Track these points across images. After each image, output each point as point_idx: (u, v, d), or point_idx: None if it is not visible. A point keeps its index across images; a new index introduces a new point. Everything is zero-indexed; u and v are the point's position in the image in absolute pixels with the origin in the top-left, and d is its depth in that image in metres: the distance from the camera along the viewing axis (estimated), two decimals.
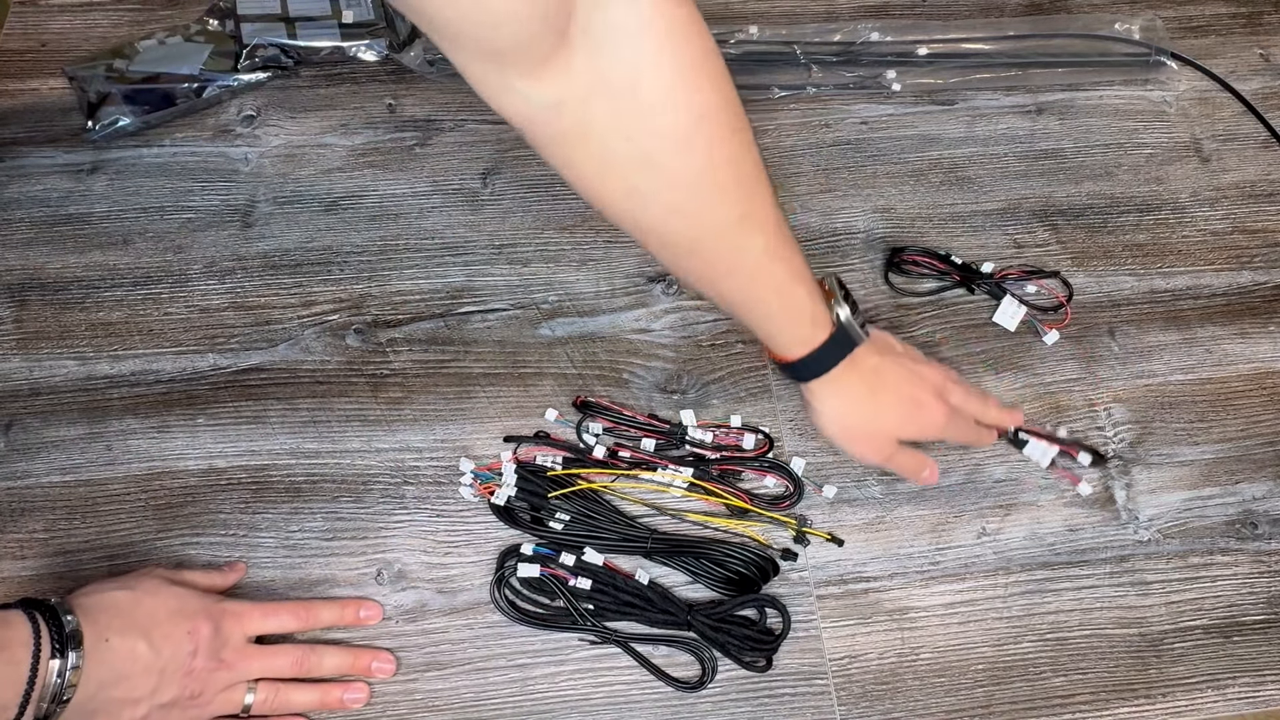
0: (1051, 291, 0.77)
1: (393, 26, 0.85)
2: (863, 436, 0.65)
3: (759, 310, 0.61)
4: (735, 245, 0.57)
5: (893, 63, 0.87)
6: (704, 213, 0.55)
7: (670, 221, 0.55)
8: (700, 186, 0.54)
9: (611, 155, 0.52)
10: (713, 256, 0.57)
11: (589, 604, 0.63)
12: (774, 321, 0.61)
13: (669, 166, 0.53)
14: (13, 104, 0.83)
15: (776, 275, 0.59)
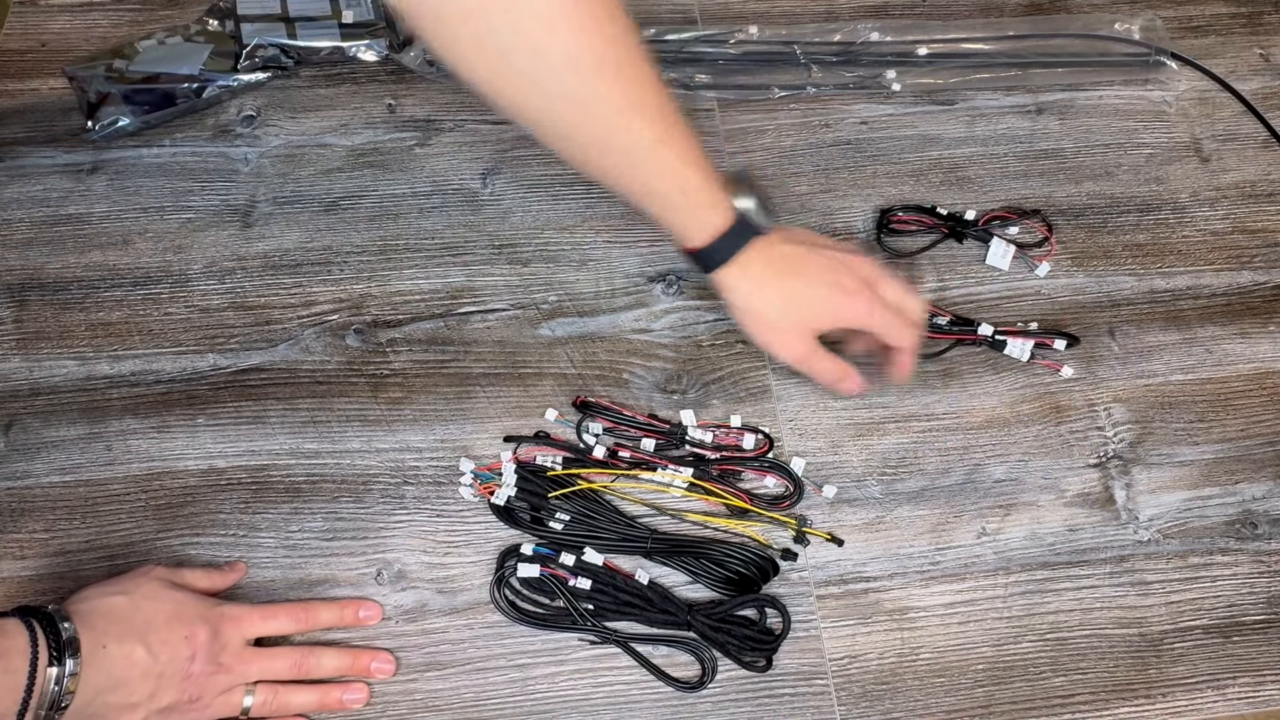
0: (1035, 227, 0.79)
1: (393, 26, 0.85)
2: (777, 327, 0.64)
3: (659, 199, 0.61)
4: (626, 131, 0.58)
5: (893, 63, 0.87)
6: (590, 99, 0.56)
7: (558, 109, 0.56)
8: (582, 69, 0.55)
9: (492, 36, 0.53)
10: (606, 145, 0.59)
11: (589, 604, 0.63)
12: (674, 209, 0.62)
13: (549, 48, 0.54)
14: (13, 104, 0.83)
15: (671, 162, 0.60)
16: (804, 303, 0.64)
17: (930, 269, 0.77)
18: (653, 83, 0.58)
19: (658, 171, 0.60)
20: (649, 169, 0.60)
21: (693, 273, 0.76)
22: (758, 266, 0.63)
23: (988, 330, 0.73)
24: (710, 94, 0.86)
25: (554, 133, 0.59)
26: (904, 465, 0.69)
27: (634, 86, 0.57)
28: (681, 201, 0.61)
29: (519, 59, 0.54)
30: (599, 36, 0.55)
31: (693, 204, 0.62)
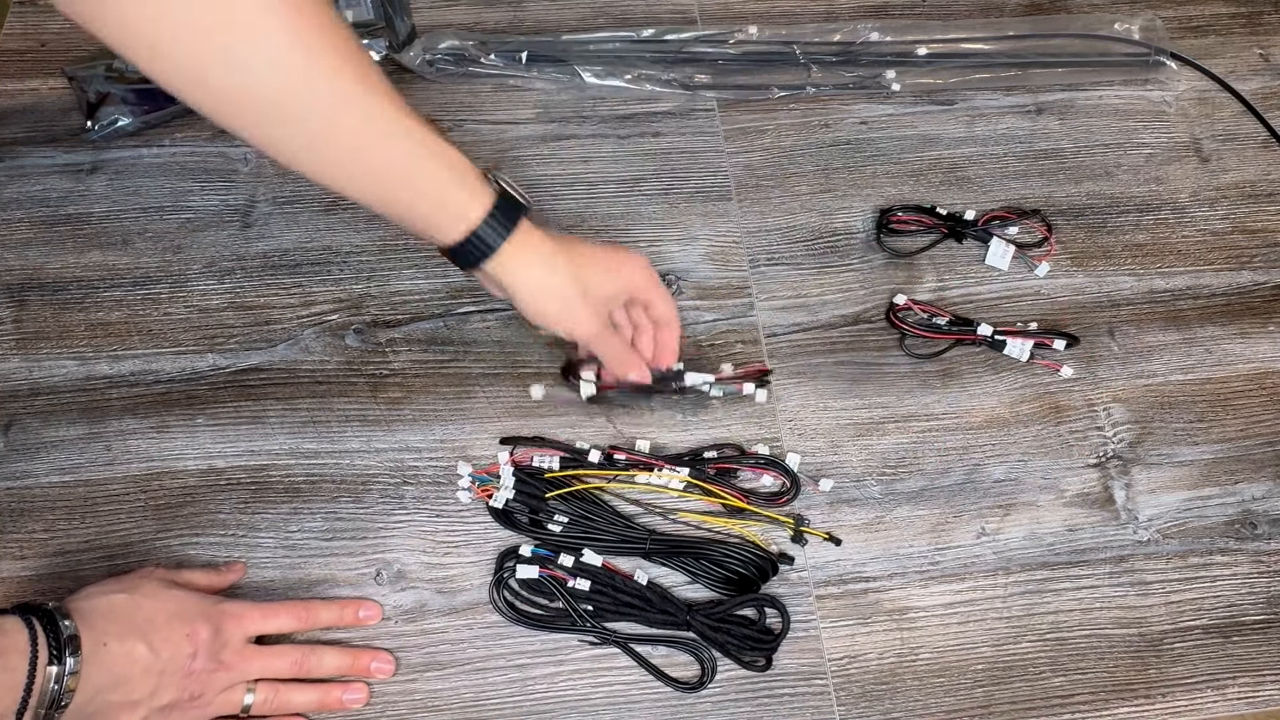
0: (1035, 227, 0.79)
1: (392, 26, 0.85)
2: (571, 302, 0.61)
3: (409, 186, 0.56)
4: (354, 111, 0.53)
5: (892, 63, 0.87)
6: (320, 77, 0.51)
7: (268, 86, 0.50)
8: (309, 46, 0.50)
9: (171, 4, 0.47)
10: (332, 129, 0.53)
11: (588, 605, 0.63)
12: (432, 193, 0.56)
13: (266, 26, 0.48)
14: (12, 104, 0.83)
15: (415, 136, 0.55)
16: (592, 274, 0.61)
17: (930, 269, 0.77)
18: (367, 58, 0.53)
19: (406, 152, 0.55)
20: (398, 152, 0.54)
21: (693, 273, 0.76)
22: (536, 242, 0.59)
23: (987, 330, 0.73)
24: (710, 94, 0.86)
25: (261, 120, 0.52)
26: (904, 465, 0.69)
27: (353, 62, 0.52)
28: (442, 185, 0.56)
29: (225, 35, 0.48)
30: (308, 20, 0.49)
31: (456, 185, 0.56)
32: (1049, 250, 0.78)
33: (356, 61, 0.52)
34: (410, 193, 0.56)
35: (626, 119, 0.84)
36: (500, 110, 0.84)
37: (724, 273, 0.77)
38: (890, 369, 0.73)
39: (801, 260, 0.78)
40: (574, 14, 0.90)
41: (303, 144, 0.53)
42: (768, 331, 0.74)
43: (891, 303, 0.75)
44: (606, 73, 0.85)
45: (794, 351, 0.73)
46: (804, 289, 0.76)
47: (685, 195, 0.81)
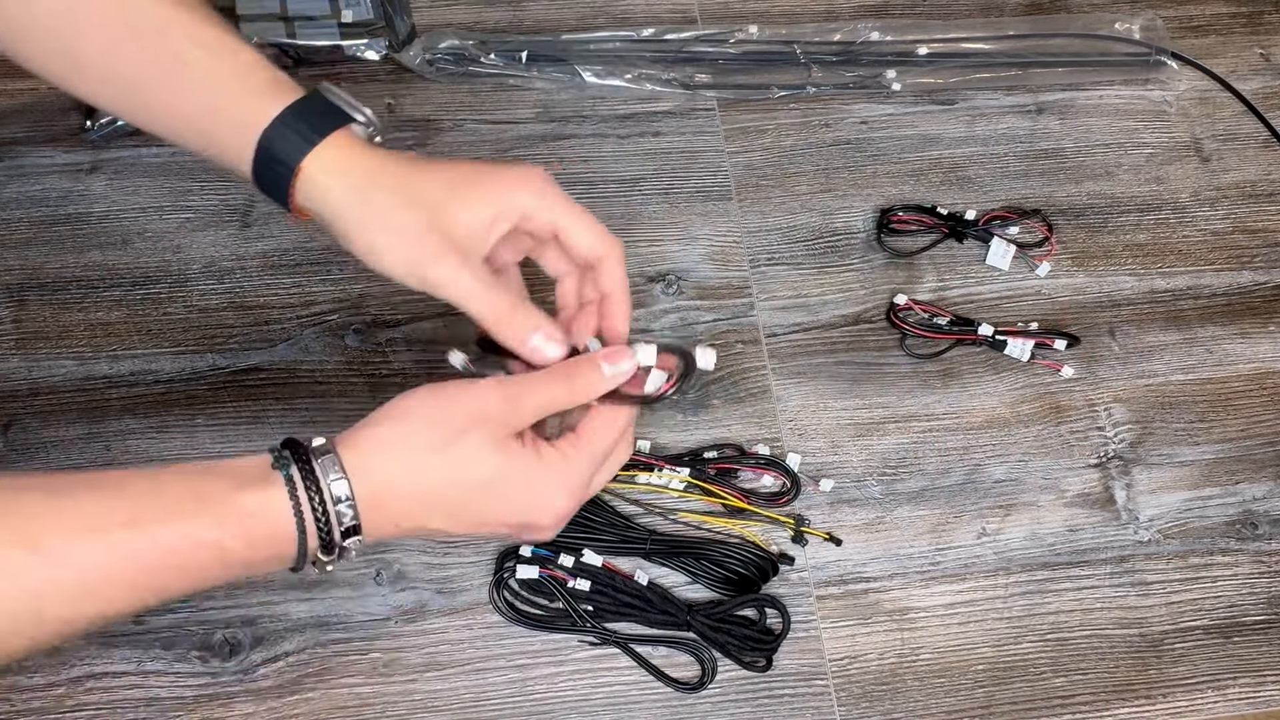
0: (1035, 227, 0.79)
1: (392, 26, 0.85)
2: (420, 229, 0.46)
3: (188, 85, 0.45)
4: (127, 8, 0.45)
5: (893, 62, 0.87)
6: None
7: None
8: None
9: None
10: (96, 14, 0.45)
11: (588, 605, 0.63)
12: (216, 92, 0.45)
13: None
14: (11, 103, 0.83)
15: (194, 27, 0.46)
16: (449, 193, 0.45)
17: (930, 269, 0.77)
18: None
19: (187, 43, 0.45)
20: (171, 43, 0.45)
21: (693, 273, 0.76)
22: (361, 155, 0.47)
23: (988, 330, 0.73)
24: (710, 94, 0.86)
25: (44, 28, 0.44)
26: (904, 465, 0.69)
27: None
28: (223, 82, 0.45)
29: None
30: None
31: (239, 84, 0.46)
32: (1050, 250, 0.78)
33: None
34: (183, 98, 0.46)
35: (626, 119, 0.84)
36: (500, 110, 0.84)
37: (724, 273, 0.77)
38: (891, 369, 0.73)
39: (802, 260, 0.78)
40: (574, 14, 0.90)
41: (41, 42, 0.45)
42: (768, 331, 0.74)
43: (892, 303, 0.75)
44: (606, 72, 0.85)
45: (794, 351, 0.73)
46: (804, 289, 0.76)
47: (685, 195, 0.80)
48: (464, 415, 0.46)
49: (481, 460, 0.45)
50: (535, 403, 0.47)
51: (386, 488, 0.45)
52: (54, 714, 0.60)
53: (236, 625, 0.63)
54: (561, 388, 0.47)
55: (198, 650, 0.62)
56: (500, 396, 0.46)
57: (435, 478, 0.46)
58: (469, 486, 0.46)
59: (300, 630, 0.63)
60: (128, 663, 0.61)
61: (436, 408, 0.46)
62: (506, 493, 0.46)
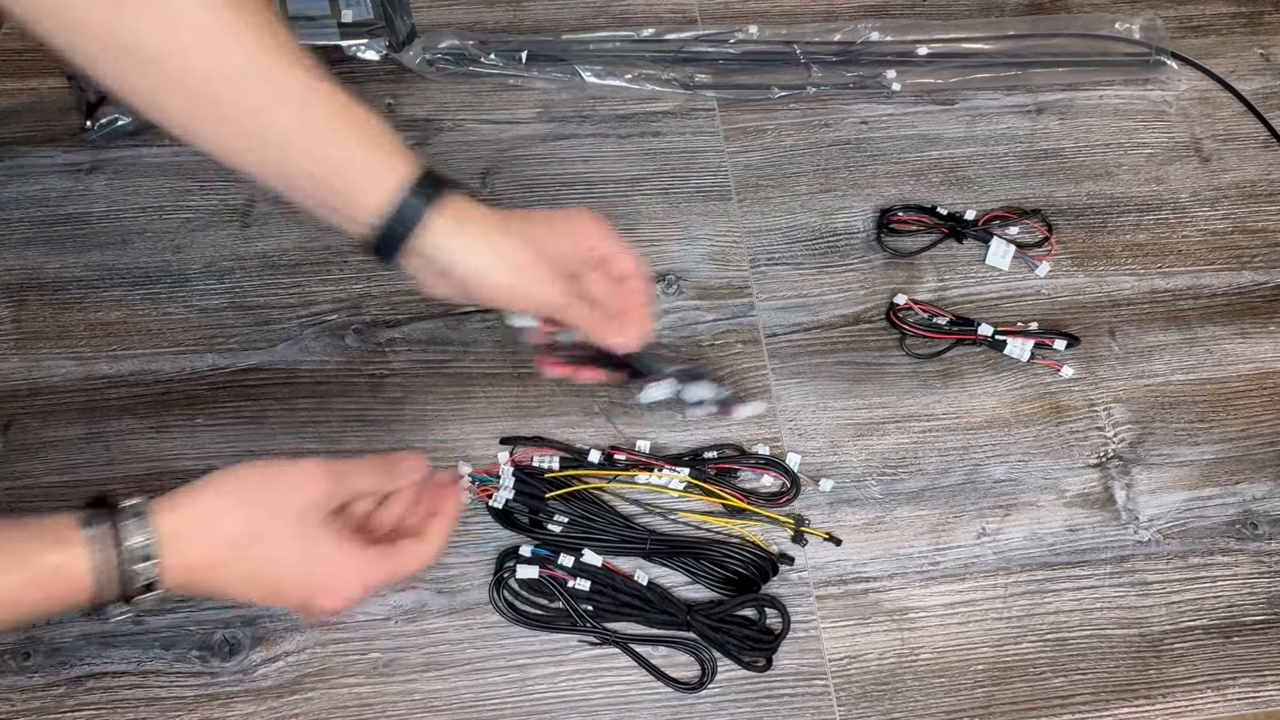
0: (1035, 227, 0.79)
1: (392, 26, 0.85)
2: (528, 265, 0.54)
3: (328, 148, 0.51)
4: (274, 75, 0.49)
5: (893, 63, 0.87)
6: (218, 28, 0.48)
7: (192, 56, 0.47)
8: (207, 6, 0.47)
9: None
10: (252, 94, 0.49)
11: (588, 605, 0.63)
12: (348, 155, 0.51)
13: None
14: (12, 104, 0.83)
15: (330, 93, 0.50)
16: (542, 233, 0.55)
17: (930, 269, 0.77)
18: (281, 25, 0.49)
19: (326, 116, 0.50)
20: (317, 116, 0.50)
21: (693, 273, 0.76)
22: (471, 209, 0.53)
23: (988, 330, 0.73)
24: (710, 94, 0.86)
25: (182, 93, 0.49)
26: (904, 465, 0.69)
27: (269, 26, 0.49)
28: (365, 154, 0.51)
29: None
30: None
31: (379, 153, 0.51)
32: (1049, 250, 0.78)
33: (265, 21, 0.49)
34: (324, 164, 0.51)
35: (626, 119, 0.84)
36: (500, 110, 0.84)
37: (724, 273, 0.77)
38: (890, 369, 0.73)
39: (802, 260, 0.78)
40: (574, 14, 0.90)
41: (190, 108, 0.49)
42: (768, 331, 0.74)
43: (892, 303, 0.75)
44: (606, 72, 0.85)
45: (794, 351, 0.73)
46: (804, 289, 0.76)
47: (685, 195, 0.80)
48: (278, 497, 0.51)
49: (286, 543, 0.51)
50: (353, 486, 0.54)
51: (193, 553, 0.49)
52: (54, 714, 0.60)
53: (236, 625, 0.63)
54: (379, 477, 0.55)
55: (198, 650, 0.62)
56: (322, 476, 0.52)
57: (241, 550, 0.50)
58: (270, 561, 0.51)
59: (300, 630, 0.63)
60: (128, 663, 0.61)
61: (257, 483, 0.51)
62: (303, 573, 0.51)
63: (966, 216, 0.79)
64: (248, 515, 0.50)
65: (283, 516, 0.51)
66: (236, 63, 0.49)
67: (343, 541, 0.52)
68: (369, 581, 0.53)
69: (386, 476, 0.56)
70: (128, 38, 0.47)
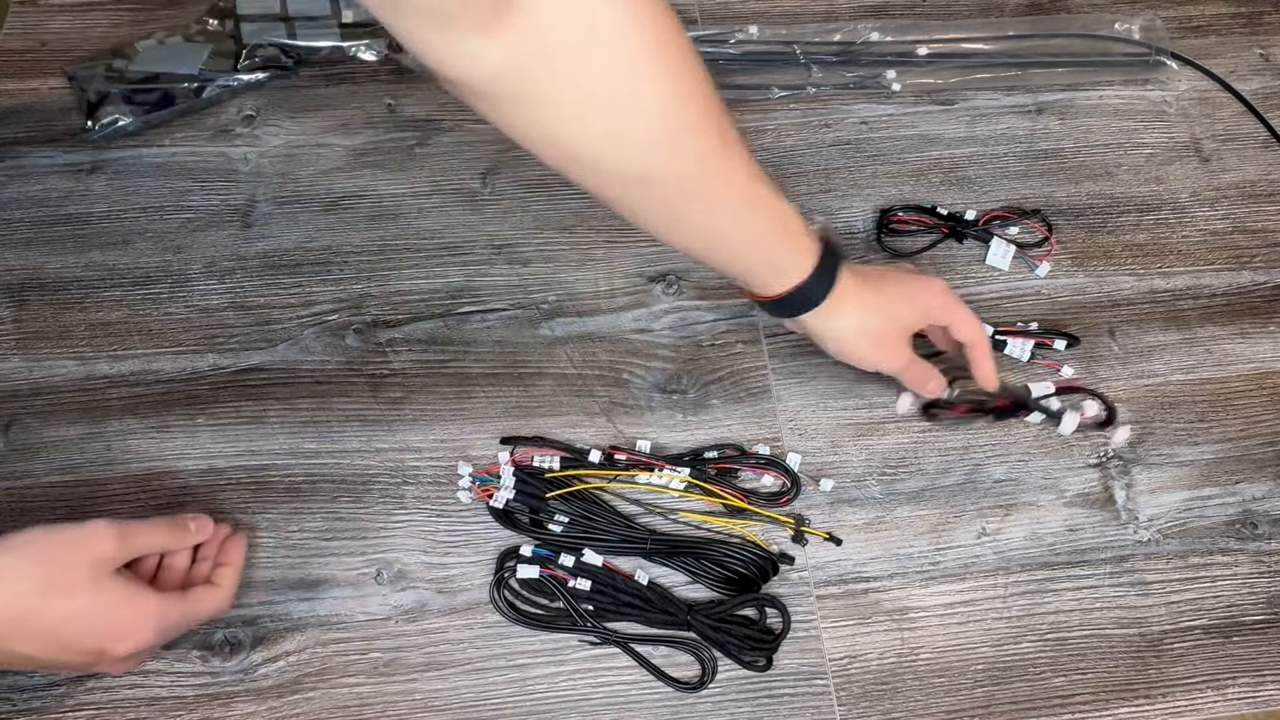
0: (1035, 227, 0.79)
1: None
2: (881, 340, 0.64)
3: (755, 243, 0.59)
4: (722, 172, 0.55)
5: (893, 63, 0.87)
6: (686, 143, 0.53)
7: (654, 157, 0.53)
8: (678, 113, 0.52)
9: (580, 100, 0.50)
10: (703, 190, 0.55)
11: (588, 605, 0.63)
12: (771, 250, 0.59)
13: (642, 97, 0.51)
14: (12, 104, 0.83)
15: (765, 196, 0.57)
16: (899, 306, 0.64)
17: (930, 269, 0.77)
18: (730, 116, 0.55)
19: (758, 209, 0.57)
20: (750, 209, 0.57)
21: (693, 273, 0.76)
22: (851, 286, 0.62)
23: (988, 330, 0.73)
24: None
25: (645, 190, 0.55)
26: (904, 465, 0.69)
27: (723, 123, 0.54)
28: (780, 242, 0.59)
29: (613, 118, 0.52)
30: (690, 79, 0.52)
31: (792, 243, 0.59)
32: (1049, 250, 0.78)
33: (718, 118, 0.54)
34: (748, 253, 0.59)
35: None
36: None
37: None
38: None
39: None
40: None
41: (659, 211, 0.57)
42: (768, 331, 0.74)
43: None
44: None
45: (794, 351, 0.73)
46: None
47: None
48: (70, 550, 0.53)
49: (79, 591, 0.52)
50: (140, 541, 0.56)
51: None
52: (54, 714, 0.60)
53: (237, 625, 0.63)
54: (166, 535, 0.58)
55: (198, 650, 0.62)
56: (109, 535, 0.54)
57: (32, 606, 0.51)
58: (62, 614, 0.52)
59: (300, 630, 0.63)
60: None
61: (46, 545, 0.53)
62: (97, 619, 0.53)
63: (966, 216, 0.79)
64: (36, 571, 0.52)
65: (73, 568, 0.52)
66: (701, 173, 0.55)
67: (135, 588, 0.55)
68: (163, 625, 0.55)
69: (174, 535, 0.59)
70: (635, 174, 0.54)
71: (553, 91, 0.50)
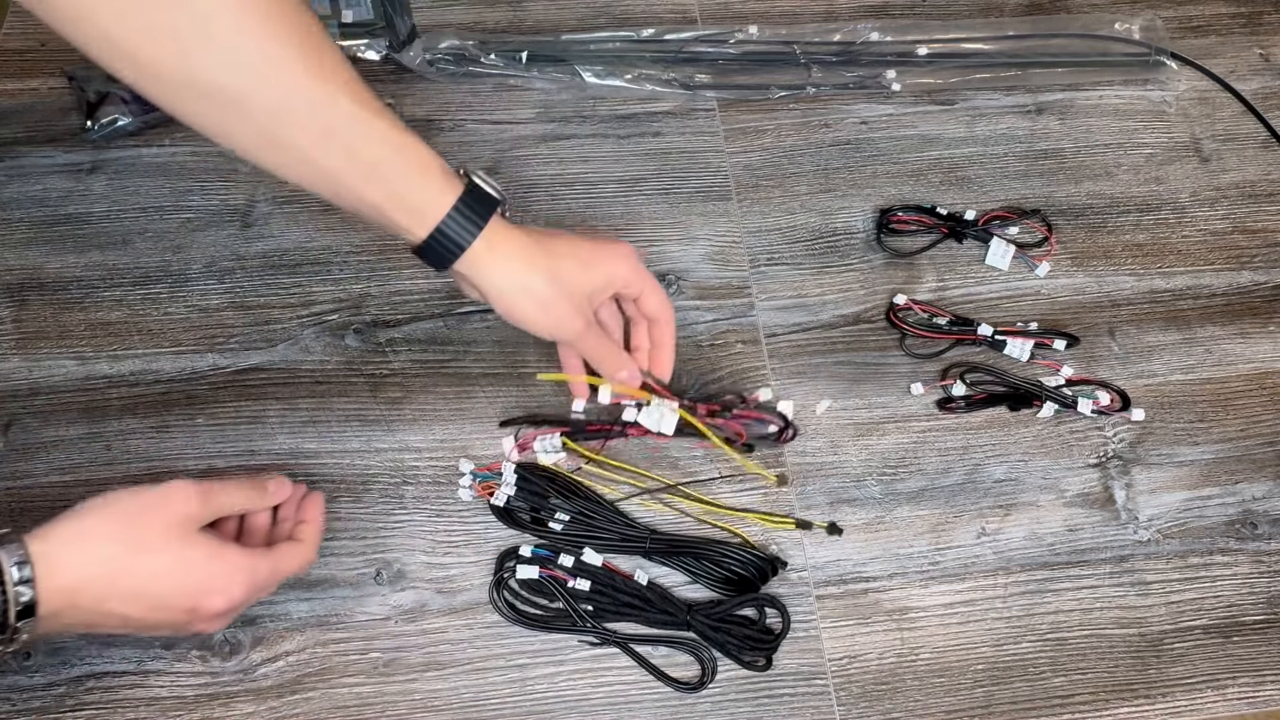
0: (1035, 227, 0.79)
1: (393, 26, 0.85)
2: (550, 301, 0.58)
3: (369, 182, 0.54)
4: (322, 100, 0.52)
5: (893, 63, 0.87)
6: (270, 65, 0.50)
7: (214, 61, 0.49)
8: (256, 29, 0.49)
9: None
10: (301, 118, 0.52)
11: (588, 605, 0.63)
12: (398, 187, 0.54)
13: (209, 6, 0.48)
14: (12, 104, 0.83)
15: (380, 128, 0.53)
16: (570, 269, 0.59)
17: (930, 269, 0.77)
18: (333, 47, 0.52)
19: (372, 142, 0.53)
20: (363, 141, 0.53)
21: (693, 273, 0.76)
22: (510, 238, 0.57)
23: (987, 330, 0.73)
24: (710, 94, 0.86)
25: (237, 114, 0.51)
26: (904, 465, 0.69)
27: (318, 50, 0.51)
28: (409, 176, 0.54)
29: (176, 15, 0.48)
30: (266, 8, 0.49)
31: (423, 177, 0.55)
32: (1049, 250, 0.78)
33: (314, 48, 0.51)
34: (371, 189, 0.54)
35: (626, 119, 0.84)
36: (500, 110, 0.84)
37: (724, 273, 0.77)
38: (890, 369, 0.73)
39: (801, 260, 0.78)
40: (574, 14, 0.90)
41: (254, 138, 0.53)
42: (768, 331, 0.74)
43: (891, 303, 0.75)
44: (606, 73, 0.85)
45: (794, 351, 0.73)
46: (804, 289, 0.76)
47: (685, 195, 0.81)
48: (153, 511, 0.53)
49: (166, 549, 0.52)
50: (221, 501, 0.56)
51: (73, 575, 0.50)
52: (54, 714, 0.60)
53: (236, 625, 0.62)
54: (247, 496, 0.58)
55: (198, 650, 0.62)
56: (190, 494, 0.54)
57: (122, 565, 0.51)
58: (150, 573, 0.52)
59: (300, 630, 0.63)
60: (128, 663, 0.61)
61: (129, 505, 0.53)
62: (187, 577, 0.53)
63: (966, 216, 0.79)
64: (121, 532, 0.52)
65: (158, 527, 0.52)
66: (287, 95, 0.51)
67: (221, 544, 0.55)
68: (253, 580, 0.55)
69: (254, 495, 0.59)
70: (203, 82, 0.50)
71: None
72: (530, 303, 0.58)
